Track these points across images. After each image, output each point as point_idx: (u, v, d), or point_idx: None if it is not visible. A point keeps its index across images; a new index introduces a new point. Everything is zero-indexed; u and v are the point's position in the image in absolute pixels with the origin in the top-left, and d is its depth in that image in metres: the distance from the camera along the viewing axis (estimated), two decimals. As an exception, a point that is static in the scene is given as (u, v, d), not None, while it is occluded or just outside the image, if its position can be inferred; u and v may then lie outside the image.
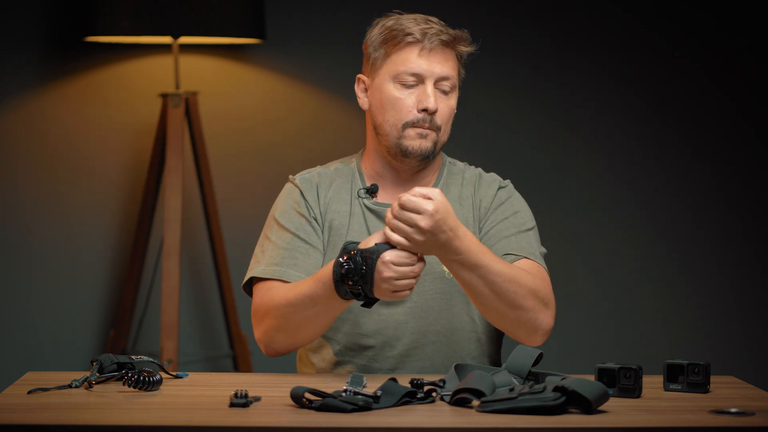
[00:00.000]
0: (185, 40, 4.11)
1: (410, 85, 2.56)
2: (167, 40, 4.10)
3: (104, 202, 4.34)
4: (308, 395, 2.11)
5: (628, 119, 4.45)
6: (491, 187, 2.67)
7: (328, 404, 2.08)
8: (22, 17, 4.25)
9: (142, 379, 2.24)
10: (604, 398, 2.10)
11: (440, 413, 2.11)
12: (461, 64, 2.61)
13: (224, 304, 4.24)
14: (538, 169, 4.42)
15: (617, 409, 2.13)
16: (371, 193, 2.64)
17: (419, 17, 2.58)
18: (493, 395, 2.11)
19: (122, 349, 4.19)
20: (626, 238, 4.46)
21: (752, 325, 4.48)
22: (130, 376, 2.25)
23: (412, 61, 2.56)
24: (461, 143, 3.68)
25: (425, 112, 2.55)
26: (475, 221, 2.64)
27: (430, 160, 2.60)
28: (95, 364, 2.33)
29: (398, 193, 2.62)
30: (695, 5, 4.42)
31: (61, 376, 2.37)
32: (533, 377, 2.29)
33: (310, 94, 4.36)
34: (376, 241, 2.37)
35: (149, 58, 4.30)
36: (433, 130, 2.57)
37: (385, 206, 2.62)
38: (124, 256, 4.34)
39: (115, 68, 4.30)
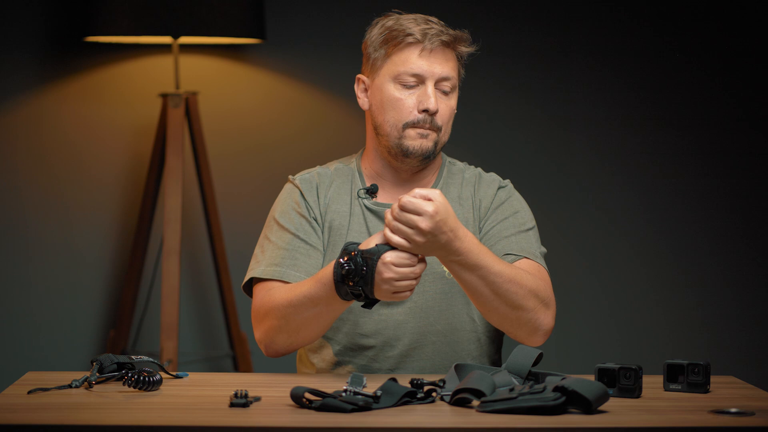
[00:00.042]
0: (185, 40, 4.11)
1: (411, 85, 2.56)
2: (167, 40, 4.10)
3: (104, 202, 4.34)
4: (308, 395, 2.11)
5: (628, 119, 4.45)
6: (491, 187, 2.67)
7: (328, 404, 2.08)
8: (22, 17, 4.25)
9: (142, 379, 2.24)
10: (604, 398, 2.10)
11: (440, 413, 2.11)
12: (461, 64, 2.61)
13: (224, 304, 4.24)
14: (538, 169, 4.42)
15: (617, 409, 2.13)
16: (371, 193, 2.64)
17: (419, 17, 2.58)
18: (493, 395, 2.11)
19: (122, 349, 4.19)
20: (626, 238, 4.46)
21: (752, 325, 4.47)
22: (130, 376, 2.25)
23: (412, 61, 2.55)
24: (461, 143, 3.68)
25: (426, 112, 2.55)
26: (474, 221, 2.64)
27: (430, 159, 2.60)
28: (95, 364, 2.33)
29: (398, 193, 2.63)
30: (697, 5, 4.42)
31: (61, 376, 2.37)
32: (533, 377, 2.29)
33: (310, 94, 4.36)
34: (376, 242, 2.37)
35: (149, 58, 4.30)
36: (433, 130, 2.56)
37: (384, 206, 2.61)
38: (124, 256, 4.34)
39: (115, 68, 4.30)
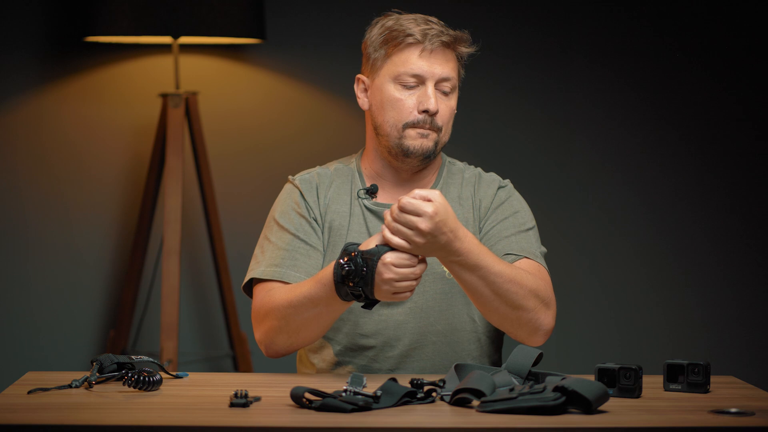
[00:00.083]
0: (185, 40, 4.11)
1: (411, 86, 2.56)
2: (167, 40, 4.10)
3: (104, 202, 4.34)
4: (308, 395, 2.11)
5: (628, 119, 4.45)
6: (491, 187, 2.67)
7: (328, 404, 2.08)
8: (22, 17, 4.25)
9: (142, 379, 2.24)
10: (604, 398, 2.10)
11: (440, 413, 2.11)
12: (461, 64, 2.61)
13: (224, 304, 4.24)
14: (538, 169, 4.42)
15: (617, 409, 2.13)
16: (371, 193, 2.63)
17: (419, 17, 2.58)
18: (493, 395, 2.11)
19: (122, 349, 4.19)
20: (626, 237, 4.46)
21: (752, 325, 4.47)
22: (130, 376, 2.25)
23: (412, 62, 2.55)
24: (461, 143, 3.68)
25: (426, 113, 2.55)
26: (474, 221, 2.64)
27: (430, 159, 2.60)
28: (95, 364, 2.33)
29: (398, 193, 2.62)
30: (697, 5, 4.42)
31: (61, 376, 2.37)
32: (533, 377, 2.29)
33: (310, 94, 4.36)
34: (376, 242, 2.37)
35: (149, 58, 4.30)
36: (433, 130, 2.56)
37: (384, 206, 2.61)
38: (124, 256, 4.34)
39: (115, 68, 4.30)
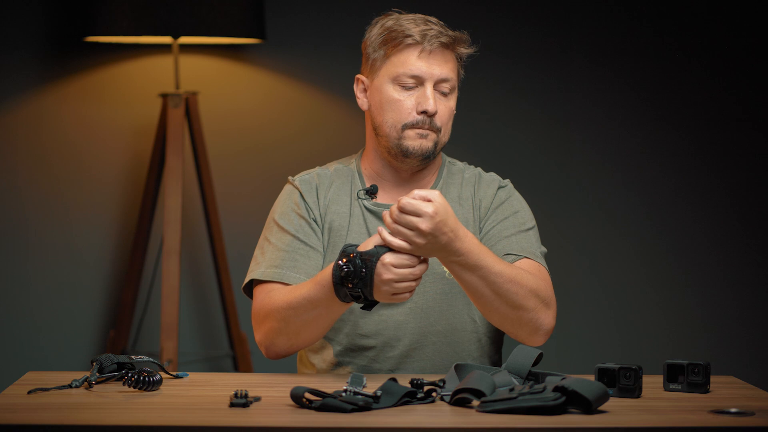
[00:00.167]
0: (185, 40, 4.11)
1: (410, 86, 2.56)
2: (167, 40, 4.10)
3: (104, 202, 4.34)
4: (308, 395, 2.11)
5: (628, 119, 4.44)
6: (491, 186, 2.66)
7: (328, 404, 2.08)
8: (22, 17, 4.25)
9: (142, 379, 2.24)
10: (604, 398, 2.10)
11: (440, 413, 2.11)
12: (461, 65, 2.61)
13: (224, 304, 4.24)
14: (538, 168, 4.42)
15: (617, 409, 2.13)
16: (371, 194, 2.63)
17: (419, 18, 2.57)
18: (493, 395, 2.11)
19: (122, 349, 4.19)
20: (627, 237, 4.46)
21: (752, 325, 4.47)
22: (130, 376, 2.25)
23: (411, 63, 2.55)
24: (461, 143, 3.68)
25: (425, 114, 2.55)
26: (475, 221, 2.64)
27: (430, 160, 2.59)
28: (95, 364, 2.33)
29: (398, 193, 2.62)
30: (697, 5, 4.42)
31: (61, 376, 2.37)
32: (533, 377, 2.29)
33: (310, 94, 4.36)
34: (375, 243, 2.36)
35: (149, 58, 4.30)
36: (433, 131, 2.56)
37: (384, 207, 2.61)
38: (124, 256, 4.34)
39: (115, 68, 4.30)
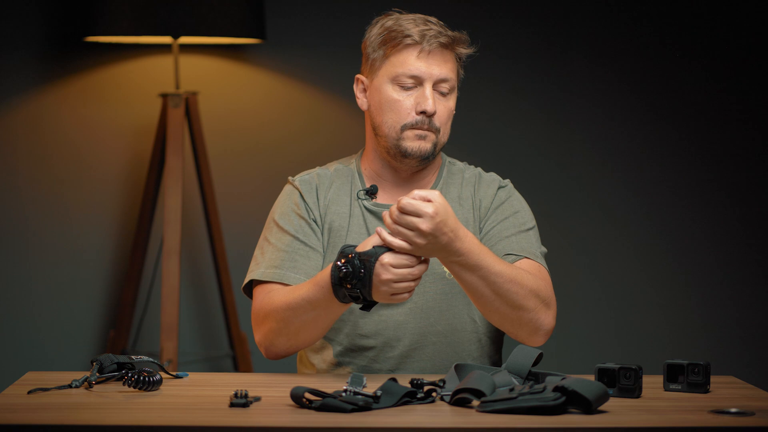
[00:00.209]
0: (185, 40, 4.11)
1: (409, 87, 2.56)
2: (167, 40, 4.10)
3: (104, 202, 4.34)
4: (308, 395, 2.11)
5: (628, 119, 4.45)
6: (491, 187, 2.66)
7: (328, 404, 2.08)
8: (22, 17, 4.25)
9: (142, 379, 2.24)
10: (604, 398, 2.10)
11: (440, 413, 2.11)
12: (460, 65, 2.60)
13: (224, 304, 4.24)
14: (538, 168, 4.42)
15: (617, 409, 2.13)
16: (370, 194, 2.63)
17: (418, 18, 2.57)
18: (493, 395, 2.11)
19: (122, 349, 4.19)
20: (626, 237, 4.46)
21: (752, 325, 4.47)
22: (130, 376, 2.25)
23: (410, 63, 2.55)
24: (461, 143, 3.68)
25: (423, 114, 2.55)
26: (475, 221, 2.63)
27: (429, 161, 2.59)
28: (95, 364, 2.33)
29: (398, 193, 2.62)
30: (697, 5, 4.42)
31: (61, 376, 2.37)
32: (533, 377, 2.29)
33: (310, 94, 4.36)
34: (373, 243, 2.36)
35: (149, 58, 4.30)
36: (432, 131, 2.56)
37: (384, 207, 2.61)
38: (124, 256, 4.34)
39: (115, 68, 4.30)
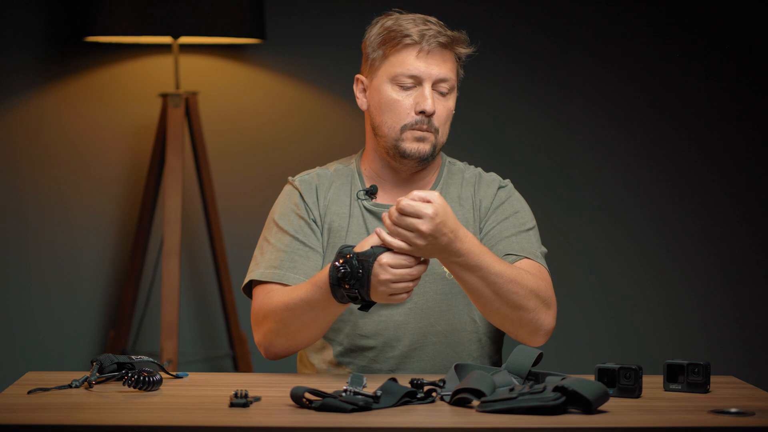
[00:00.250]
0: (185, 40, 4.11)
1: (408, 87, 2.56)
2: (167, 40, 4.10)
3: (104, 202, 4.34)
4: (308, 395, 2.11)
5: (628, 119, 4.44)
6: (491, 187, 2.66)
7: (328, 404, 2.08)
8: (22, 17, 4.25)
9: (142, 379, 2.24)
10: (604, 398, 2.10)
11: (440, 413, 2.11)
12: (460, 65, 2.60)
13: (224, 304, 4.24)
14: (538, 169, 4.42)
15: (617, 409, 2.13)
16: (370, 194, 2.63)
17: (418, 18, 2.57)
18: (493, 395, 2.11)
19: (122, 349, 4.19)
20: (627, 238, 4.46)
21: (752, 325, 4.47)
22: (130, 376, 2.25)
23: (409, 63, 2.55)
24: (461, 143, 3.68)
25: (423, 114, 2.55)
26: (475, 222, 2.63)
27: (428, 161, 2.59)
28: (95, 364, 2.33)
29: (398, 193, 2.62)
30: (697, 5, 4.42)
31: (61, 376, 2.37)
32: (533, 377, 2.29)
33: (310, 94, 4.36)
34: (372, 243, 2.36)
35: (149, 58, 4.30)
36: (431, 132, 2.56)
37: (384, 207, 2.61)
38: (124, 256, 4.34)
39: (115, 68, 4.30)
